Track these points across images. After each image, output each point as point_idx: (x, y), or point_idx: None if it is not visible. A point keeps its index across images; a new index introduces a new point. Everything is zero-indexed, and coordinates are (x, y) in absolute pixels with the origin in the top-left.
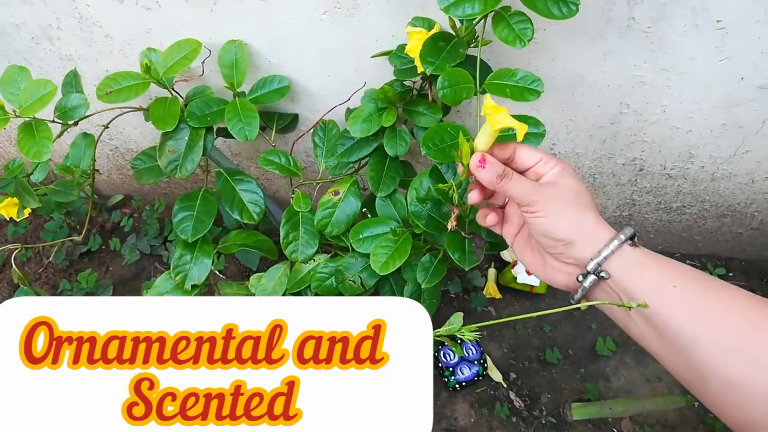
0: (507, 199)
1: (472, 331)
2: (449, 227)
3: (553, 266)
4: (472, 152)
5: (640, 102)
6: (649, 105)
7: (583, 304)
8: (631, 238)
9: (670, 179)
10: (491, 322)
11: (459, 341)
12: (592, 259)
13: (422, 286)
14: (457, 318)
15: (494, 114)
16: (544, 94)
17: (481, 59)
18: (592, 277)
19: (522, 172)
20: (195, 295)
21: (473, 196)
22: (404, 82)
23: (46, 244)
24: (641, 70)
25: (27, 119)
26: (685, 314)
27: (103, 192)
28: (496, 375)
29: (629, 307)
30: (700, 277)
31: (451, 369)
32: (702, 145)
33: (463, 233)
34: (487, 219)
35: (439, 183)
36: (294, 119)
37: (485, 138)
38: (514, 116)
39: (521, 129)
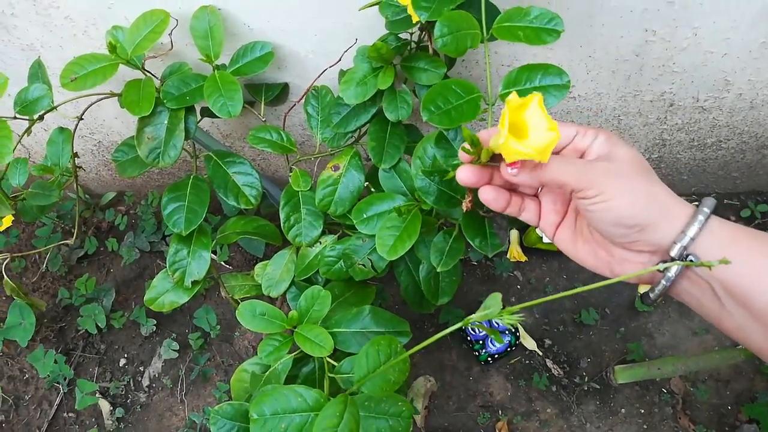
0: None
1: (513, 313)
2: (464, 208)
3: (622, 257)
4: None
5: (667, 26)
6: (678, 29)
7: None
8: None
9: (704, 112)
10: (541, 300)
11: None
12: (675, 242)
13: (437, 270)
14: (495, 299)
15: (510, 142)
16: None
17: None
18: (677, 266)
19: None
20: (197, 291)
21: (464, 174)
22: (400, 35)
23: (39, 251)
24: None
25: None
26: None
27: (94, 191)
28: (529, 343)
29: None
30: None
31: (481, 342)
32: (739, 70)
33: (480, 212)
34: (491, 197)
35: (446, 151)
36: (284, 89)
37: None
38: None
39: (544, 149)
